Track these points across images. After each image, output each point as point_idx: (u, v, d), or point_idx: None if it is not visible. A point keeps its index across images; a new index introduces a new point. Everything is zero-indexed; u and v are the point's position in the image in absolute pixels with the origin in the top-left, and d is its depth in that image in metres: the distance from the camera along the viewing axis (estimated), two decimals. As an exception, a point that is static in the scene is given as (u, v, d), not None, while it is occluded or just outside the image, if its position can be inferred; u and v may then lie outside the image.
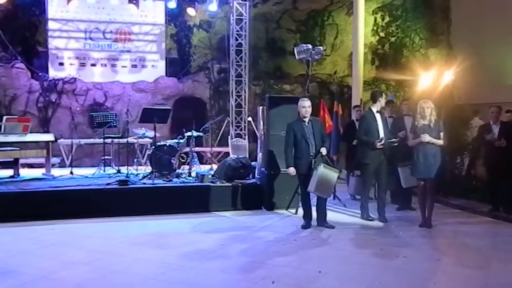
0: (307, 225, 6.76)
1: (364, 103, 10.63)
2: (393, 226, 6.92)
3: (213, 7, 11.76)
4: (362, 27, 10.80)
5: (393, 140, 7.04)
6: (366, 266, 5.15)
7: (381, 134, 6.97)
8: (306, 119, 6.66)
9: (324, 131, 6.91)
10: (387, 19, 14.14)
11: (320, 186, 6.39)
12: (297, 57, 8.14)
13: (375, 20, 14.16)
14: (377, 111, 7.11)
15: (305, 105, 6.64)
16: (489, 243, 6.16)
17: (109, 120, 9.57)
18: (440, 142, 6.67)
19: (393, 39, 14.09)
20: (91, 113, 10.42)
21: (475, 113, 10.76)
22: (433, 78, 12.05)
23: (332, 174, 6.52)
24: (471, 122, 10.54)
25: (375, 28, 14.23)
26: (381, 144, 6.90)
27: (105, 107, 12.32)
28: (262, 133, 8.74)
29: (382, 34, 14.25)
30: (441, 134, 6.73)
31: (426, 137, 6.61)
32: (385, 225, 6.97)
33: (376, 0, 13.56)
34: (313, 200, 6.86)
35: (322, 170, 6.39)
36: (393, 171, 7.25)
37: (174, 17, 13.43)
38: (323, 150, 6.55)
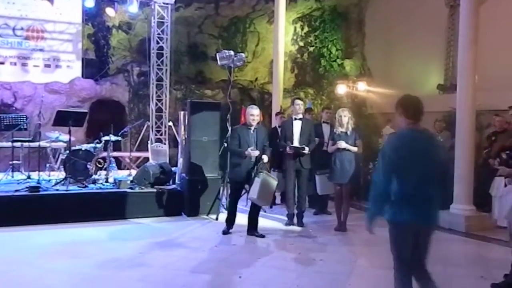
0: (228, 230, 6.77)
1: (284, 110, 10.87)
2: (311, 230, 7.13)
3: (133, 8, 11.43)
4: (283, 35, 11.03)
5: (302, 146, 7.10)
6: (285, 270, 5.24)
7: (295, 141, 7.11)
8: (252, 127, 6.62)
9: (267, 139, 6.83)
10: (306, 29, 14.61)
11: (261, 194, 6.37)
12: (219, 63, 8.13)
13: (295, 29, 14.59)
14: (295, 118, 7.27)
15: (254, 113, 6.58)
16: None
17: (19, 123, 8.95)
18: (355, 149, 6.98)
19: (311, 48, 14.58)
20: (-2, 115, 9.70)
21: (386, 122, 11.41)
22: (348, 88, 12.63)
23: (273, 182, 6.57)
24: (383, 130, 11.17)
25: (295, 37, 14.65)
26: (291, 150, 7.03)
27: (14, 108, 11.53)
28: (183, 138, 8.64)
29: (301, 44, 14.69)
30: (358, 141, 7.04)
31: (342, 144, 6.89)
32: (303, 229, 7.15)
33: (296, 10, 13.94)
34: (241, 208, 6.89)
35: (264, 178, 6.41)
36: (311, 177, 7.46)
37: (91, 16, 12.90)
38: (265, 158, 6.56)
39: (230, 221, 6.83)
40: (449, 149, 8.97)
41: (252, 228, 6.73)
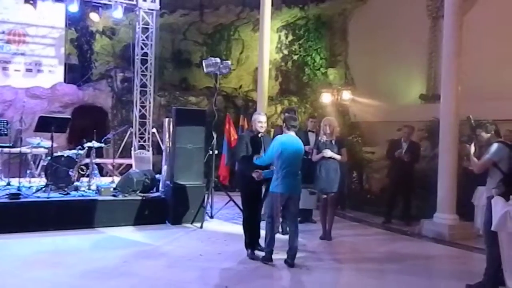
0: (252, 253, 5.98)
1: (268, 118, 10.85)
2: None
3: (118, 14, 11.30)
4: (268, 43, 11.03)
5: None
6: (273, 279, 5.21)
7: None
8: (260, 134, 6.27)
9: None
10: (290, 37, 14.65)
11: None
12: (205, 70, 8.09)
13: (279, 38, 14.62)
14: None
15: (261, 120, 6.22)
16: (384, 254, 6.55)
17: (-1, 128, 8.78)
18: (339, 157, 6.98)
19: (295, 57, 14.62)
20: (-23, 120, 9.48)
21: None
22: (331, 97, 12.69)
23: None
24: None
25: (279, 45, 14.68)
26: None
27: (-7, 113, 11.29)
28: (168, 145, 8.55)
29: (285, 52, 14.72)
30: (342, 150, 7.06)
31: (328, 152, 6.90)
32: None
33: (280, 19, 13.98)
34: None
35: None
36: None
37: (75, 21, 12.71)
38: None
39: (250, 242, 6.06)
40: (431, 159, 9.11)
41: (254, 241, 6.19)
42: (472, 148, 5.14)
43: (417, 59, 11.91)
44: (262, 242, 6.00)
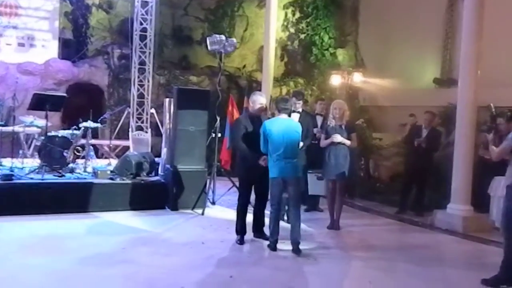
0: (242, 240, 6.08)
1: (272, 100, 10.78)
2: (302, 228, 7.07)
3: (115, -14, 11.22)
4: (274, 21, 10.92)
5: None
6: (278, 270, 5.20)
7: None
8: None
9: None
10: (297, 15, 14.47)
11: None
12: (209, 48, 8.00)
13: (286, 15, 14.44)
14: (293, 111, 7.12)
15: (262, 101, 6.13)
16: (394, 245, 6.54)
17: (-10, 105, 8.73)
18: (349, 142, 6.93)
19: (303, 36, 14.46)
20: (-34, 96, 9.43)
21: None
22: (340, 79, 12.60)
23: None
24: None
25: (285, 23, 14.52)
26: None
27: (-17, 89, 11.22)
28: (168, 127, 8.50)
29: (292, 30, 14.57)
30: (352, 135, 7.01)
31: (338, 137, 6.84)
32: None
33: (287, -6, 13.84)
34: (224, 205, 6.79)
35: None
36: (304, 173, 7.37)
37: (70, -8, 12.61)
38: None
39: (242, 228, 6.12)
40: (445, 146, 9.06)
41: (259, 229, 6.26)
42: (491, 137, 5.12)
43: (431, 40, 11.78)
44: (267, 230, 6.01)
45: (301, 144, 6.41)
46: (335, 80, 12.60)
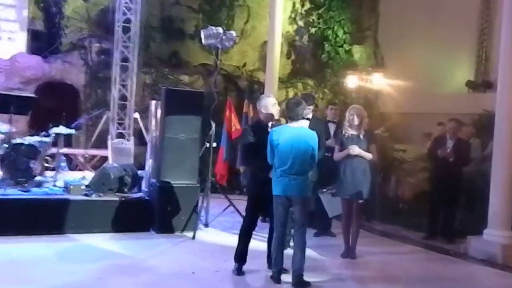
0: (240, 269, 5.98)
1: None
2: (312, 256, 7.00)
3: (95, -31, 11.27)
4: (280, 12, 10.98)
5: None
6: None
7: None
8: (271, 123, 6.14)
9: None
10: (307, 5, 14.58)
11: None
12: (204, 42, 8.00)
13: (294, 5, 14.54)
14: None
15: (275, 101, 6.17)
16: (420, 278, 6.46)
17: None
18: (370, 155, 6.88)
19: (313, 30, 14.54)
20: None
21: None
22: (356, 80, 12.59)
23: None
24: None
25: (293, 15, 14.61)
26: None
27: None
28: (154, 134, 8.52)
29: (300, 23, 14.66)
30: (372, 146, 6.95)
31: (356, 149, 6.79)
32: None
33: (296, -18, 13.92)
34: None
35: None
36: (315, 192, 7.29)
37: (41, -23, 12.67)
38: None
39: (242, 256, 6.02)
40: (480, 161, 9.01)
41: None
42: None
43: (464, 36, 11.83)
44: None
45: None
46: (351, 82, 12.61)
